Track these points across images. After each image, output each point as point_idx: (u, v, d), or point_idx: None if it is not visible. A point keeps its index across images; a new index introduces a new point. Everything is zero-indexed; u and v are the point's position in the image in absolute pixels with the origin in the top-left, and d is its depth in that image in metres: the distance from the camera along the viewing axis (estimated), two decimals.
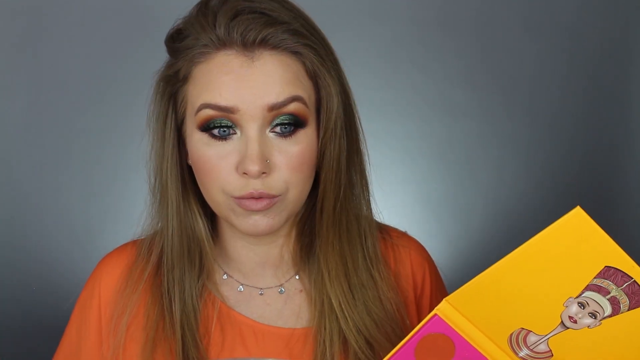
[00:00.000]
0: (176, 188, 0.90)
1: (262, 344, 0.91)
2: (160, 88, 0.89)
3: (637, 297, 0.73)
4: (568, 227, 0.70)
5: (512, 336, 0.77)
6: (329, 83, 0.86)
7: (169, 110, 0.89)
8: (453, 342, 0.76)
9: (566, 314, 0.74)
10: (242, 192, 0.83)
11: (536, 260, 0.72)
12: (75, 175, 1.76)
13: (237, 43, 0.82)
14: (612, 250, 0.71)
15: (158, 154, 0.91)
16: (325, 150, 0.87)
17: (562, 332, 0.75)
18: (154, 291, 0.92)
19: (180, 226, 0.91)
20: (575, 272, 0.72)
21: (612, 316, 0.74)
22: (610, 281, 0.72)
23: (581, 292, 0.73)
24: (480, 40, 1.80)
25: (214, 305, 0.93)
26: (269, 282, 0.95)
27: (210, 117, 0.83)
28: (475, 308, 0.75)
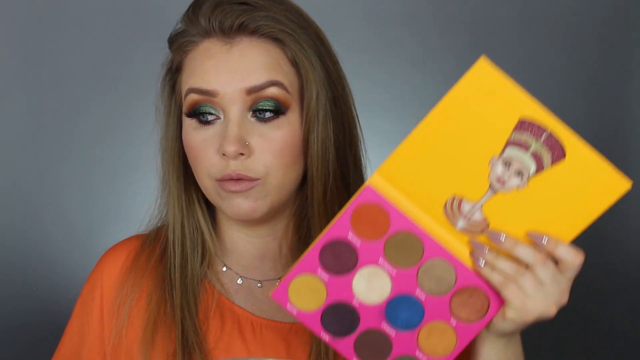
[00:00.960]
0: (176, 179, 0.94)
1: (259, 337, 0.93)
2: (164, 82, 0.94)
3: (557, 150, 0.74)
4: (475, 79, 0.73)
5: (447, 206, 0.78)
6: (308, 69, 0.88)
7: (171, 102, 0.93)
8: (388, 214, 0.79)
9: (493, 175, 0.76)
10: (222, 173, 0.86)
11: (452, 118, 0.74)
12: (75, 175, 1.78)
13: (216, 31, 0.87)
14: (523, 101, 0.73)
15: (163, 147, 0.95)
16: (309, 137, 0.89)
17: (493, 196, 0.77)
18: (157, 278, 0.95)
19: (181, 216, 0.95)
20: (493, 128, 0.74)
21: (537, 173, 0.75)
22: (528, 134, 0.74)
23: (503, 150, 0.75)
24: (478, 40, 1.79)
25: (213, 295, 0.95)
26: (268, 275, 0.97)
27: (195, 101, 0.87)
28: (406, 177, 0.78)
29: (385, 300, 0.81)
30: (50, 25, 1.74)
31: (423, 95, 1.76)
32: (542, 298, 0.77)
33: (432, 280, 0.80)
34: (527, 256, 0.77)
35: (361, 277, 0.80)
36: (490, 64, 0.72)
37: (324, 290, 0.81)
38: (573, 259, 0.76)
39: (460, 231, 0.79)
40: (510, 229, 0.78)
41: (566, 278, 0.78)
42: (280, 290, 0.81)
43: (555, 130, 0.73)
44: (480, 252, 0.78)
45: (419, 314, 0.81)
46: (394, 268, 0.80)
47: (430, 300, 0.80)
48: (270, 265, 0.97)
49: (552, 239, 0.76)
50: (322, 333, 0.82)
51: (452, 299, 0.80)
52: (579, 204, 0.75)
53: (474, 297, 0.80)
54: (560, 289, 0.78)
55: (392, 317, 0.81)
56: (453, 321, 0.81)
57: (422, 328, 0.81)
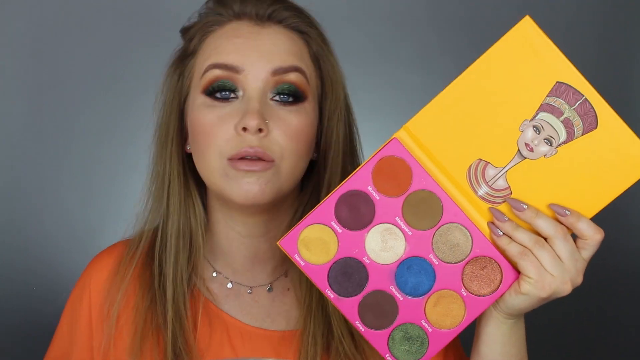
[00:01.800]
0: (177, 171, 0.92)
1: (248, 345, 0.91)
2: (171, 69, 0.93)
3: (589, 119, 0.74)
4: (518, 38, 0.73)
5: (471, 170, 0.77)
6: (330, 66, 0.91)
7: (176, 91, 0.92)
8: (411, 170, 0.77)
9: (522, 140, 0.75)
10: (238, 149, 0.84)
11: (488, 77, 0.74)
12: (75, 175, 1.76)
13: (250, 15, 0.88)
14: (563, 64, 0.73)
15: (161, 139, 0.93)
16: (327, 134, 0.91)
17: (520, 163, 0.76)
18: (143, 284, 0.93)
19: (180, 208, 0.93)
20: (528, 90, 0.74)
21: (567, 142, 0.75)
22: (562, 99, 0.74)
23: (535, 114, 0.75)
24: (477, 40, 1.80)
25: (202, 303, 0.93)
26: (258, 280, 0.95)
27: (216, 77, 0.86)
28: (433, 135, 0.77)
29: (397, 262, 0.78)
30: (51, 25, 1.74)
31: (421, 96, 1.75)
32: (559, 273, 0.75)
33: (447, 246, 0.78)
34: (548, 228, 0.75)
35: (376, 234, 0.78)
36: (534, 23, 0.73)
37: (336, 243, 0.78)
38: (593, 234, 0.75)
39: (481, 198, 0.78)
40: (533, 200, 0.77)
41: (584, 256, 0.76)
42: (290, 238, 0.78)
43: (591, 98, 0.73)
44: (500, 221, 0.77)
45: (430, 280, 0.78)
46: (410, 228, 0.78)
47: (443, 267, 0.78)
48: (261, 268, 0.95)
49: (574, 213, 0.75)
50: (327, 290, 0.79)
51: (465, 268, 0.78)
52: (605, 179, 0.75)
53: (487, 268, 0.78)
54: (576, 268, 0.76)
55: (401, 281, 0.78)
56: (463, 292, 0.78)
57: (431, 296, 0.79)
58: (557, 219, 0.76)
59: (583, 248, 0.76)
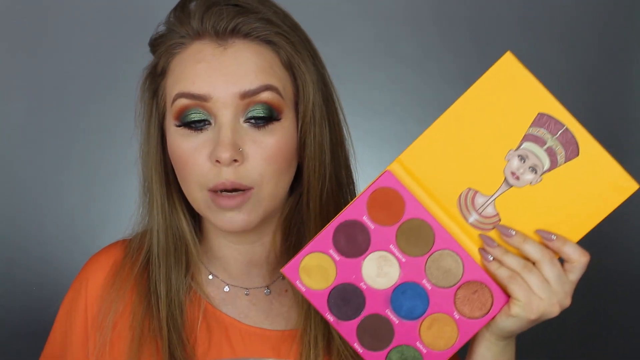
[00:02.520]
0: (160, 186, 0.91)
1: (249, 345, 0.92)
2: (145, 86, 0.91)
3: (571, 147, 0.78)
4: (500, 73, 0.78)
5: (461, 198, 0.81)
6: (304, 71, 0.87)
7: (153, 107, 0.90)
8: (403, 200, 0.81)
9: (509, 169, 0.79)
10: (215, 182, 0.83)
11: (475, 110, 0.79)
12: (76, 175, 1.76)
13: (210, 33, 0.84)
14: (544, 96, 0.77)
15: (144, 153, 0.92)
16: (306, 140, 0.88)
17: (507, 191, 0.80)
18: (140, 289, 0.93)
19: (165, 224, 0.92)
20: (512, 121, 0.78)
21: (551, 170, 0.79)
22: (545, 129, 0.78)
23: (520, 144, 0.79)
24: (478, 41, 1.80)
25: (200, 305, 0.93)
26: (255, 282, 0.95)
27: (185, 106, 0.84)
28: (424, 167, 0.81)
29: (392, 287, 0.82)
30: (51, 25, 1.75)
31: (422, 96, 1.76)
32: (547, 296, 0.78)
33: (439, 271, 0.82)
34: (535, 253, 0.79)
35: (371, 261, 0.82)
36: (515, 58, 0.77)
37: (334, 270, 0.82)
38: (579, 257, 0.78)
39: (471, 225, 0.81)
40: (520, 226, 0.80)
41: (571, 279, 0.79)
42: (292, 266, 0.83)
43: (572, 128, 0.77)
44: (490, 247, 0.80)
45: (424, 304, 0.82)
46: (404, 255, 0.82)
47: (436, 292, 0.82)
48: (256, 272, 0.96)
49: (560, 238, 0.79)
50: (327, 314, 0.83)
51: (457, 292, 0.82)
52: (589, 203, 0.78)
53: (478, 292, 0.82)
54: (564, 290, 0.79)
55: (397, 305, 0.82)
56: (456, 315, 0.82)
57: (425, 319, 0.82)
58: (544, 244, 0.79)
59: (570, 271, 0.79)
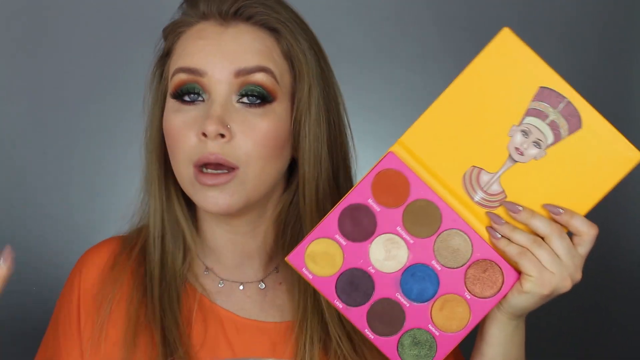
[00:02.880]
0: (158, 168, 0.92)
1: (244, 337, 0.92)
2: (154, 71, 0.93)
3: (573, 120, 0.78)
4: (499, 49, 0.78)
5: (466, 177, 0.81)
6: (303, 62, 0.88)
7: (158, 91, 0.92)
8: (408, 181, 0.81)
9: (512, 144, 0.79)
10: (199, 155, 0.84)
11: (474, 88, 0.79)
12: (76, 175, 1.76)
13: (214, 15, 0.86)
14: (544, 70, 0.77)
15: (147, 137, 0.93)
16: (301, 131, 0.88)
17: (512, 167, 0.80)
18: (136, 279, 0.93)
19: (162, 207, 0.93)
20: (513, 97, 0.78)
21: (554, 144, 0.78)
22: (546, 103, 0.78)
23: (522, 119, 0.79)
24: (478, 41, 1.81)
25: (195, 297, 0.93)
26: (249, 276, 0.95)
27: (182, 81, 0.86)
28: (427, 148, 0.81)
29: (401, 269, 0.81)
30: (51, 25, 1.75)
31: (422, 96, 1.72)
32: (558, 270, 0.78)
33: (448, 251, 0.81)
34: (543, 228, 0.78)
35: (379, 244, 0.81)
36: (513, 33, 0.77)
37: (341, 255, 0.82)
38: (588, 230, 0.78)
39: (477, 204, 0.81)
40: (527, 201, 0.80)
41: (580, 252, 0.79)
42: (297, 253, 0.82)
43: (573, 100, 0.77)
44: (498, 224, 0.80)
45: (434, 286, 0.81)
46: (411, 237, 0.81)
47: (446, 272, 0.81)
48: (250, 264, 0.96)
49: (567, 211, 0.78)
50: (336, 300, 0.82)
51: (467, 272, 0.81)
52: (594, 176, 0.78)
53: (488, 271, 0.81)
54: (574, 264, 0.79)
55: (407, 288, 0.81)
56: (467, 295, 0.81)
57: (436, 301, 0.81)
58: (551, 218, 0.79)
59: (579, 244, 0.79)
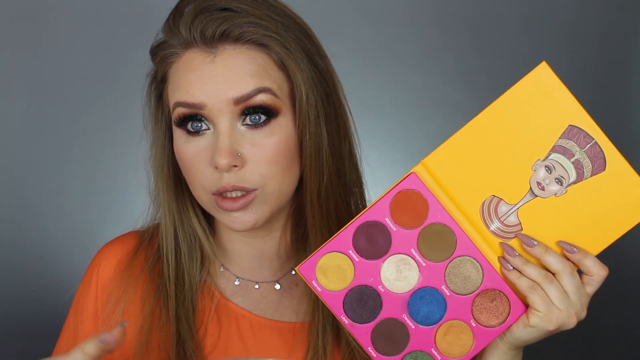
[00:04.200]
0: (166, 188, 0.93)
1: (258, 336, 0.92)
2: (150, 90, 0.92)
3: (598, 161, 0.78)
4: (534, 82, 0.78)
5: (484, 206, 0.81)
6: (296, 71, 0.86)
7: (159, 111, 0.92)
8: (427, 203, 0.81)
9: (534, 179, 0.79)
10: (217, 186, 0.84)
11: (505, 118, 0.79)
12: (75, 175, 1.76)
13: (197, 41, 0.84)
14: (575, 109, 0.78)
15: (153, 155, 0.94)
16: (303, 138, 0.87)
17: (531, 200, 0.80)
18: (152, 279, 0.94)
19: (173, 226, 0.93)
20: (542, 131, 0.78)
21: (576, 183, 0.79)
22: (574, 142, 0.78)
23: (548, 154, 0.79)
24: (478, 40, 1.81)
25: (212, 296, 0.94)
26: (265, 277, 0.96)
27: (183, 114, 0.85)
28: (450, 171, 0.81)
29: (410, 291, 0.81)
30: (52, 25, 1.75)
31: (422, 95, 1.77)
32: (565, 307, 0.79)
33: (459, 278, 0.81)
34: (556, 264, 0.79)
35: (391, 263, 0.81)
36: (550, 68, 0.77)
37: (352, 271, 0.81)
38: (599, 271, 0.79)
39: (493, 233, 0.81)
40: (542, 236, 0.80)
41: (588, 291, 0.80)
42: (308, 265, 0.81)
43: (601, 142, 0.78)
44: (511, 256, 0.80)
45: (441, 310, 0.81)
46: (424, 260, 0.81)
47: (454, 298, 0.81)
48: (267, 266, 0.96)
49: (581, 250, 0.79)
50: (342, 316, 0.81)
51: (475, 299, 0.81)
52: (611, 218, 0.79)
53: (496, 301, 0.81)
54: (581, 302, 0.80)
55: (414, 310, 0.81)
56: (473, 322, 0.81)
57: (442, 325, 0.81)
58: (565, 256, 0.80)
59: (588, 284, 0.80)
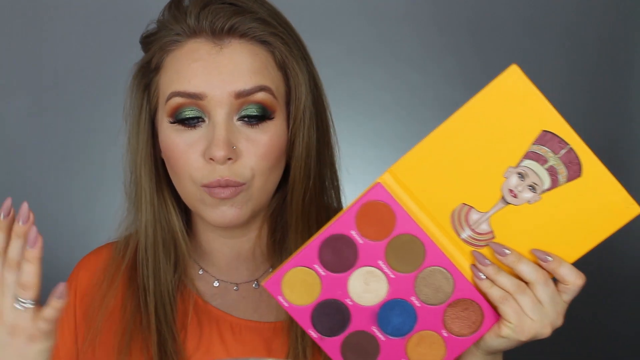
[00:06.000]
0: (149, 180, 0.92)
1: (239, 338, 0.91)
2: (136, 80, 0.91)
3: (574, 167, 0.74)
4: (505, 86, 0.73)
5: (455, 214, 0.77)
6: (297, 72, 0.88)
7: (144, 102, 0.90)
8: (394, 214, 0.77)
9: (506, 186, 0.75)
10: (209, 179, 0.84)
11: (475, 123, 0.74)
12: (76, 175, 1.77)
13: (206, 31, 0.84)
14: (549, 114, 0.73)
15: (133, 147, 0.92)
16: (295, 140, 0.88)
17: (503, 208, 0.76)
18: (130, 285, 0.93)
19: (154, 218, 0.92)
20: (514, 137, 0.74)
21: (551, 189, 0.75)
22: (547, 148, 0.74)
23: (520, 161, 0.74)
24: (479, 40, 1.80)
25: (190, 299, 0.93)
26: (243, 277, 0.95)
27: (179, 105, 0.84)
28: (418, 179, 0.76)
29: (379, 304, 0.79)
30: (52, 25, 1.74)
31: (422, 96, 1.76)
32: (539, 318, 0.76)
33: (429, 288, 0.78)
34: (529, 274, 0.76)
35: (359, 276, 0.78)
36: (521, 72, 0.72)
37: (319, 285, 0.78)
38: (575, 280, 0.76)
39: (464, 241, 0.78)
40: (515, 244, 0.77)
41: (564, 299, 0.77)
42: (274, 280, 0.78)
43: (576, 147, 0.73)
44: (482, 265, 0.77)
45: (412, 321, 0.79)
46: (392, 272, 0.78)
47: (425, 309, 0.78)
48: (245, 266, 0.95)
49: (556, 258, 0.76)
50: (311, 330, 0.79)
51: (447, 309, 0.79)
52: (588, 225, 0.75)
53: (468, 310, 0.79)
54: (556, 311, 0.77)
55: (383, 322, 0.79)
56: (444, 332, 0.79)
57: (412, 336, 0.79)
58: (539, 264, 0.76)
59: (564, 292, 0.77)
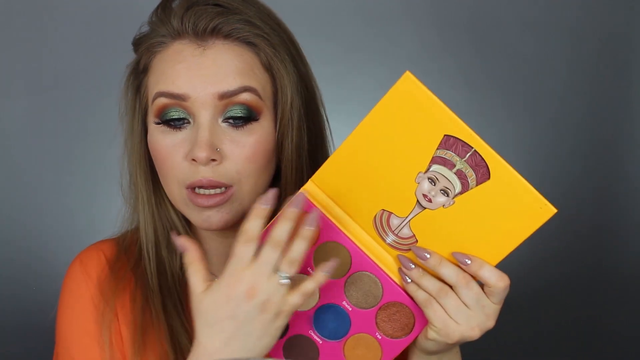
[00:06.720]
0: (144, 181, 0.92)
1: None
2: (128, 82, 0.92)
3: (481, 170, 0.73)
4: (400, 93, 0.73)
5: (377, 219, 0.78)
6: (283, 74, 0.86)
7: (136, 103, 0.91)
8: (318, 223, 0.79)
9: (420, 191, 0.75)
10: (192, 179, 0.84)
11: (379, 131, 0.74)
12: (76, 174, 1.78)
13: (189, 33, 0.84)
14: (447, 118, 0.72)
15: (128, 148, 0.93)
16: (284, 142, 0.87)
17: (421, 213, 0.76)
18: (137, 281, 0.93)
19: (152, 218, 0.93)
20: (419, 143, 0.74)
21: (463, 193, 0.74)
22: (452, 152, 0.73)
23: (429, 167, 0.74)
24: (479, 40, 1.77)
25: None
26: None
27: (164, 105, 0.84)
28: (338, 187, 0.78)
29: (313, 308, 0.81)
30: (52, 25, 1.75)
31: None
32: (464, 320, 0.76)
33: (359, 293, 0.80)
34: (451, 277, 0.76)
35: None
36: (415, 78, 0.72)
37: None
38: (496, 282, 0.75)
39: (390, 245, 0.79)
40: (438, 248, 0.77)
41: (492, 302, 0.76)
42: None
43: (480, 150, 0.72)
44: (407, 269, 0.77)
45: (346, 325, 0.81)
46: None
47: (357, 313, 0.80)
48: None
49: (476, 261, 0.75)
50: None
51: (378, 312, 0.80)
52: (505, 227, 0.74)
53: (399, 313, 0.80)
54: (485, 313, 0.76)
55: (320, 325, 0.81)
56: (379, 335, 0.80)
57: (349, 339, 0.81)
58: (460, 267, 0.76)
59: (490, 294, 0.76)
